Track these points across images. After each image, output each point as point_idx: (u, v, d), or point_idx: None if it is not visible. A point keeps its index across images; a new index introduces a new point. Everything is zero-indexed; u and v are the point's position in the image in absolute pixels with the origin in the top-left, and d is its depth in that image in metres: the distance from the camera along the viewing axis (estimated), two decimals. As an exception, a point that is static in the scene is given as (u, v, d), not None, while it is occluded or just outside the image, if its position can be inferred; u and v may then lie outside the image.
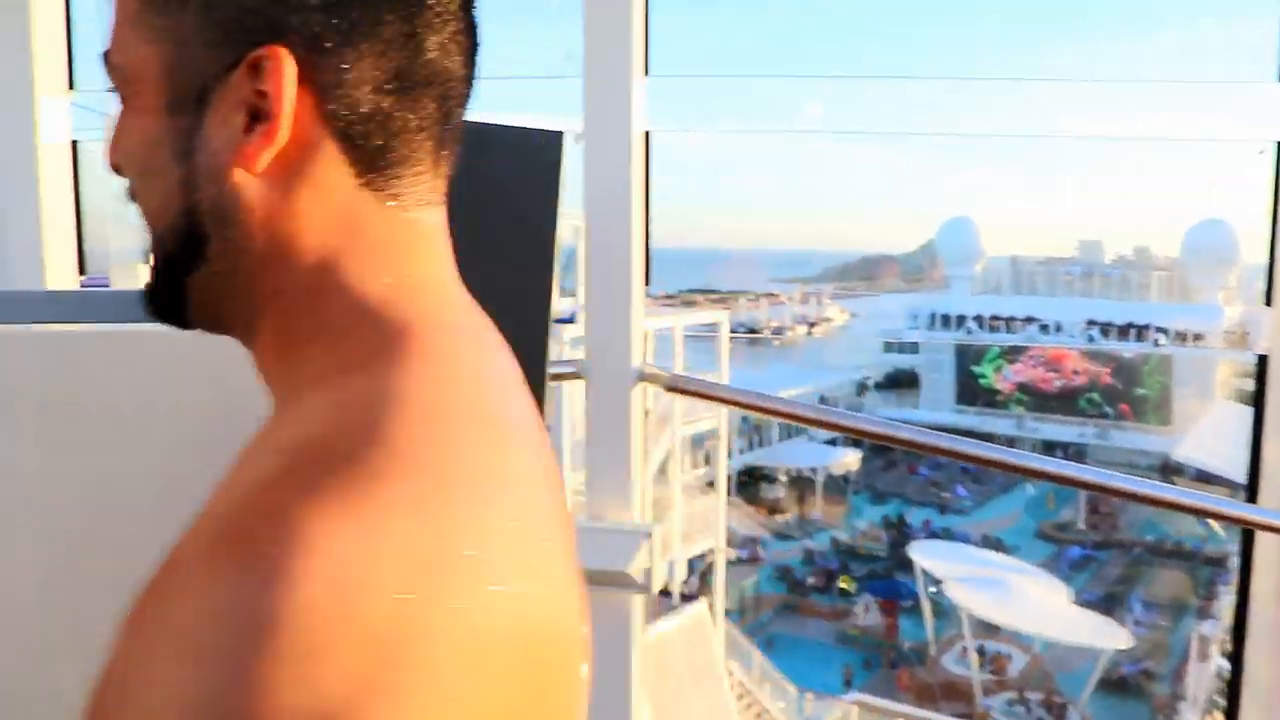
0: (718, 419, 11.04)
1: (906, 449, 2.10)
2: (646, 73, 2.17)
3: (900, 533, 28.20)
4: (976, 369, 37.08)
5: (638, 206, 2.13)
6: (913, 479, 32.34)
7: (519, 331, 1.03)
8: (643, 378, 2.15)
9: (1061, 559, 26.69)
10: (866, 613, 24.82)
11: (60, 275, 2.45)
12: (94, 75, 2.70)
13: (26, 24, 2.35)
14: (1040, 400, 35.23)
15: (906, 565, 23.88)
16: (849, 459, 30.45)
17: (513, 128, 1.02)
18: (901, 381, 40.43)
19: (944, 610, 22.12)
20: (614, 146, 2.09)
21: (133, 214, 0.59)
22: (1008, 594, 19.98)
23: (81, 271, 2.54)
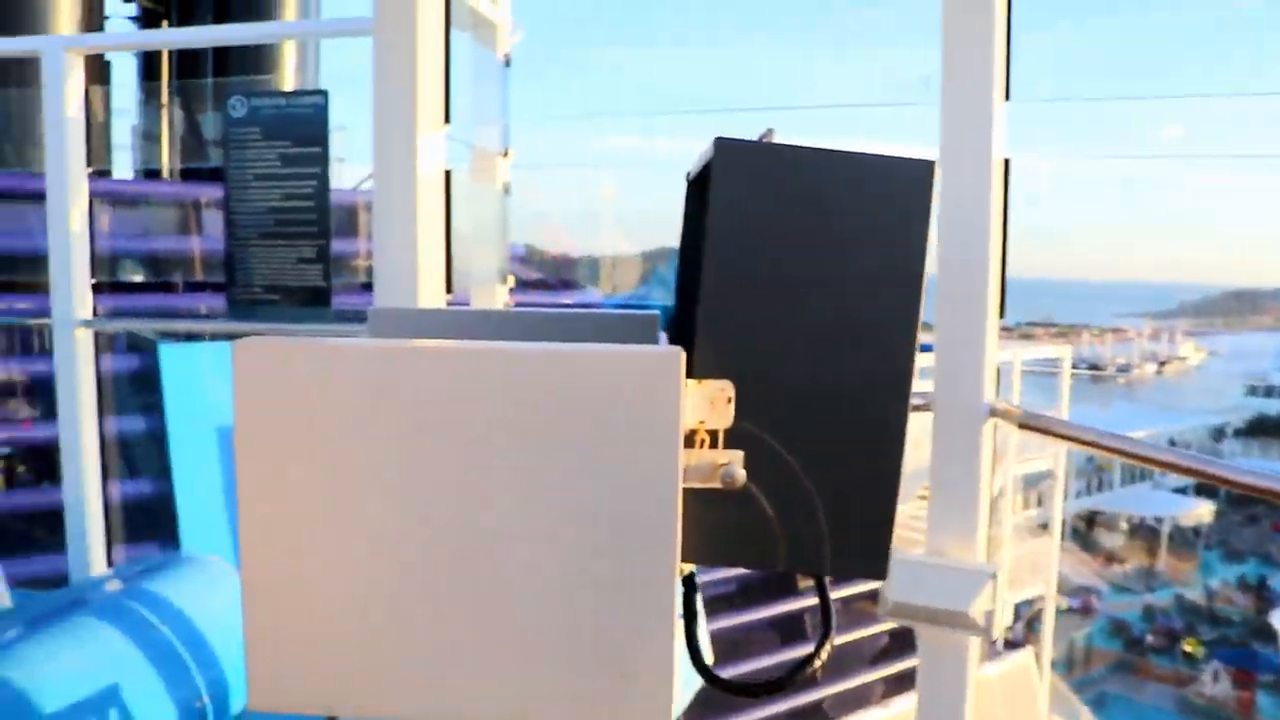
0: (1054, 458, 10.42)
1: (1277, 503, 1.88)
2: (1007, 97, 2.10)
3: (1260, 597, 25.56)
4: (1362, 419, 33.08)
5: (996, 237, 2.05)
6: (1278, 538, 29.26)
7: (883, 361, 1.02)
8: (993, 413, 2.07)
9: None
10: (1215, 682, 22.62)
11: (430, 294, 2.63)
12: (466, 111, 2.91)
13: (413, 66, 2.53)
14: None
15: (1267, 634, 21.57)
16: (1201, 510, 27.96)
17: (882, 156, 1.02)
18: (1268, 429, 36.80)
19: (1313, 690, 19.80)
20: (973, 174, 2.02)
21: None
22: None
23: (448, 291, 2.73)
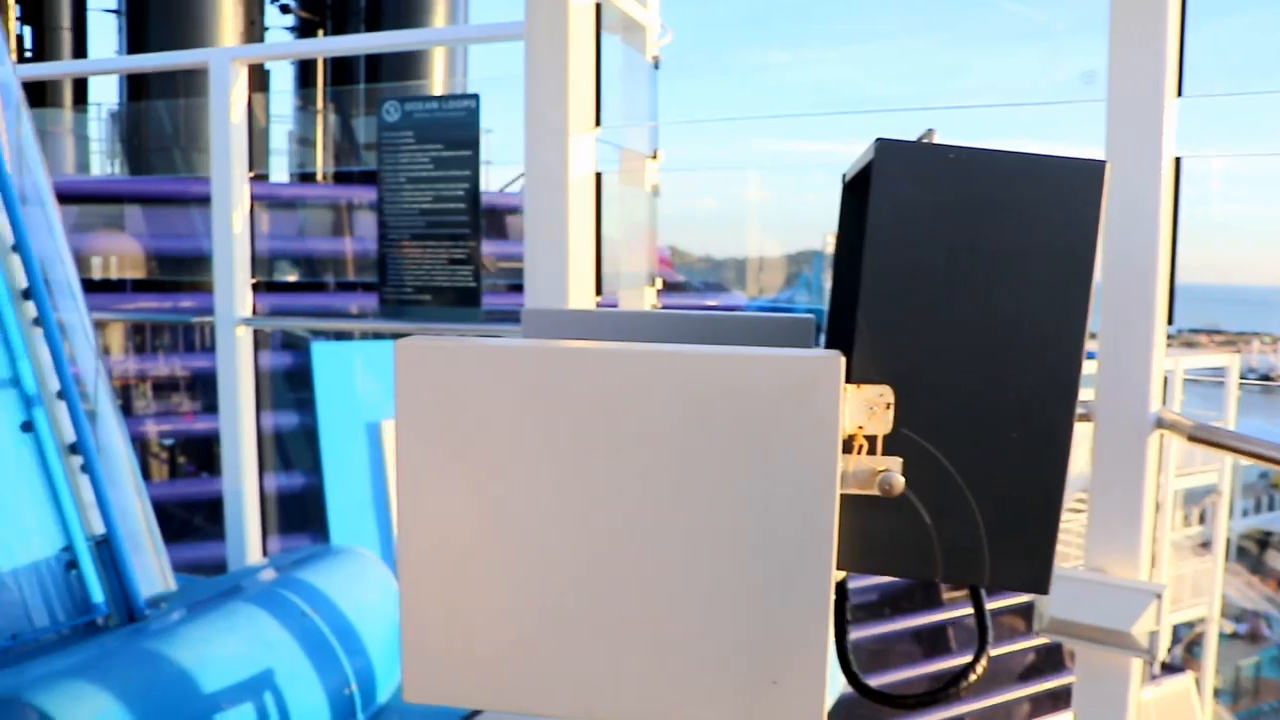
0: (1219, 473, 9.93)
1: None
2: (1180, 93, 1.99)
3: None
4: None
5: (1165, 239, 1.95)
6: None
7: (1049, 368, 0.98)
8: (1160, 424, 1.97)
9: None
10: None
11: (580, 295, 2.65)
12: (616, 113, 2.92)
13: (564, 69, 2.55)
14: None
15: None
16: (1386, 533, 26.19)
17: (1050, 156, 0.98)
18: None
19: None
20: (1142, 174, 1.93)
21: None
22: None
23: (598, 292, 2.74)
